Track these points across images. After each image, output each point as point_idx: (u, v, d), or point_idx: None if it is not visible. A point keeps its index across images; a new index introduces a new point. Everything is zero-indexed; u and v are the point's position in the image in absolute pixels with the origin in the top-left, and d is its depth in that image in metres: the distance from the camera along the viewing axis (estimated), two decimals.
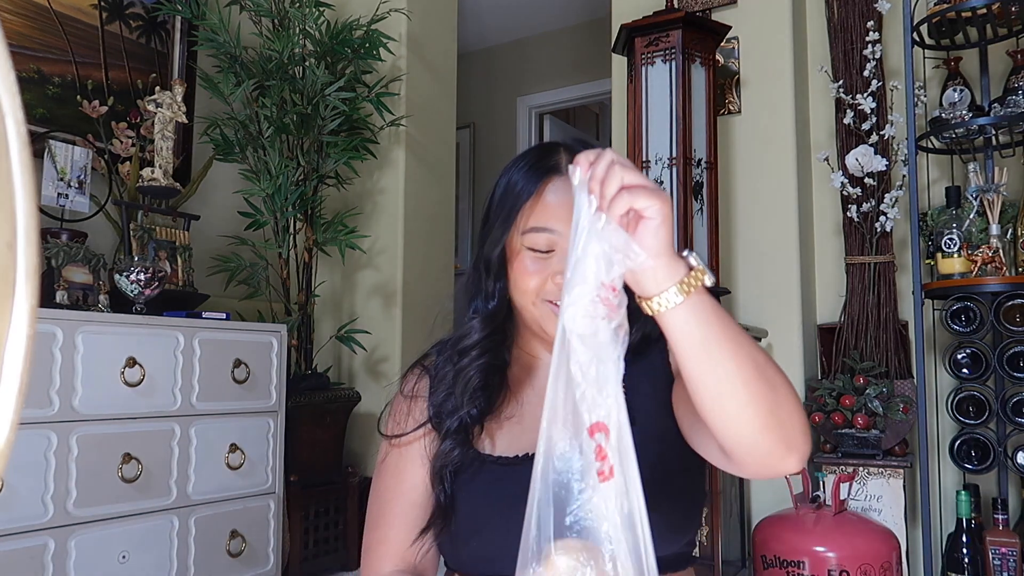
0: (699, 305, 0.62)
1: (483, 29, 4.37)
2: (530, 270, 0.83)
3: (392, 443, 0.91)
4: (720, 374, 0.63)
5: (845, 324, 2.33)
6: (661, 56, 2.19)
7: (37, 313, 0.30)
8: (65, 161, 2.16)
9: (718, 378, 0.63)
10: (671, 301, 0.61)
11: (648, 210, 0.60)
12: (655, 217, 0.60)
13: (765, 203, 2.43)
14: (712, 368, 0.63)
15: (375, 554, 0.89)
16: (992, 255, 1.96)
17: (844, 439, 2.13)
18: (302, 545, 2.42)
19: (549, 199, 0.83)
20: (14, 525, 1.67)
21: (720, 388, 0.63)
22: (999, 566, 1.87)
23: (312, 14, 2.55)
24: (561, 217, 0.81)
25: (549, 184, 0.84)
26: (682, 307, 0.62)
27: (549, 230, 0.82)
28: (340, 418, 2.63)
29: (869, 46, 2.32)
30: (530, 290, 0.83)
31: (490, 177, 4.49)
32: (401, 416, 0.93)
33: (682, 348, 0.63)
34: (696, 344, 0.63)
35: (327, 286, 2.96)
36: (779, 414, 0.66)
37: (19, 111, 0.30)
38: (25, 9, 2.28)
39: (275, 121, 2.51)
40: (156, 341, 1.97)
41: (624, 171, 0.61)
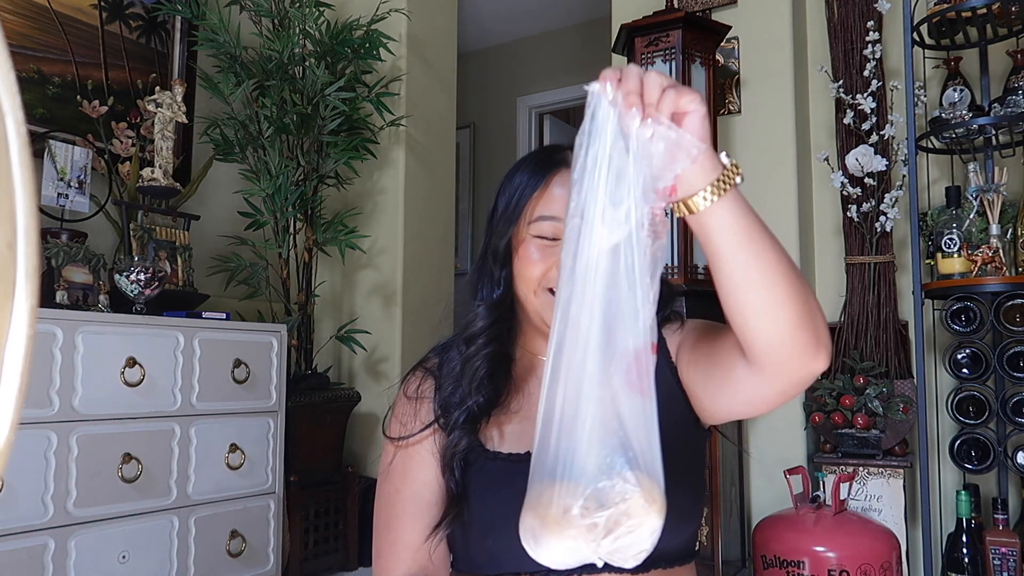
0: (739, 201, 0.65)
1: (483, 29, 4.37)
2: (535, 258, 0.85)
3: (398, 444, 0.91)
4: (762, 264, 0.65)
5: (845, 324, 2.33)
6: (661, 56, 2.19)
7: (37, 313, 0.30)
8: (65, 161, 2.16)
9: (761, 269, 0.65)
10: (719, 191, 0.64)
11: (690, 104, 0.62)
12: (697, 109, 0.62)
13: (765, 203, 2.43)
14: (755, 259, 0.65)
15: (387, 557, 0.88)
16: (992, 255, 1.96)
17: (844, 439, 2.13)
18: (302, 545, 2.42)
19: (556, 190, 0.85)
20: (14, 525, 1.67)
21: (763, 279, 0.66)
22: (999, 566, 1.88)
23: (312, 14, 2.55)
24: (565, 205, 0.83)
25: (556, 176, 0.86)
26: (728, 198, 0.64)
27: (556, 218, 0.84)
28: (340, 418, 2.63)
29: (869, 46, 2.32)
30: (534, 278, 0.85)
31: (490, 177, 4.50)
32: (407, 418, 0.92)
33: (728, 241, 0.65)
34: (742, 234, 0.65)
35: (327, 286, 2.96)
36: (811, 306, 0.68)
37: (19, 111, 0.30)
38: (25, 9, 2.28)
39: (275, 121, 2.51)
40: (156, 341, 1.97)
41: (658, 76, 0.63)
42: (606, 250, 0.62)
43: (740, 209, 0.65)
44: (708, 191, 0.64)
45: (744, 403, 0.78)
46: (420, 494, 0.88)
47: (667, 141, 0.62)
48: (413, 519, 0.87)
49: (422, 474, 0.88)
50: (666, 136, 0.62)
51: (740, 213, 0.65)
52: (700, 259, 2.16)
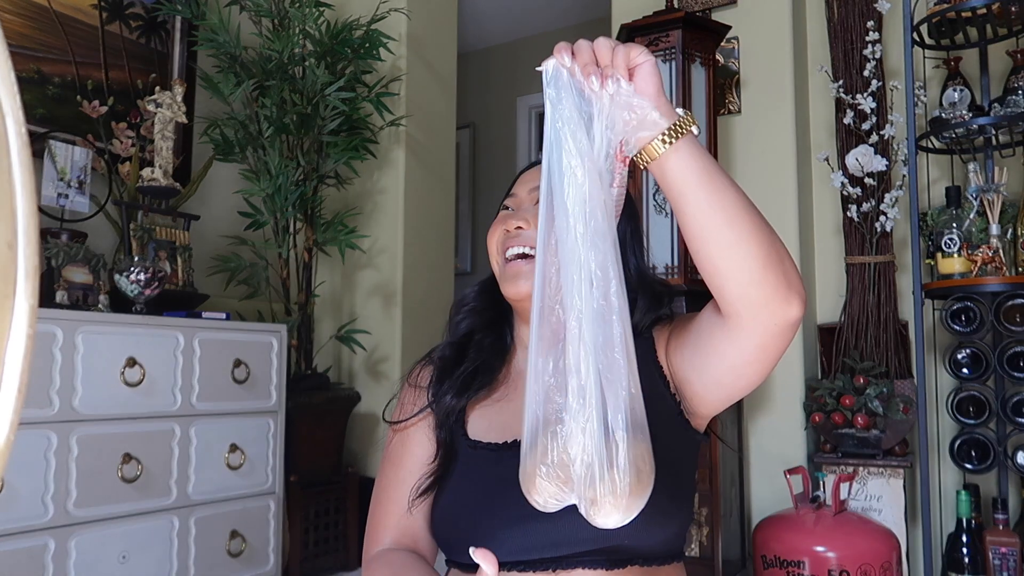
0: (695, 145, 0.70)
1: (483, 29, 4.37)
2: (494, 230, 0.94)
3: (395, 428, 0.97)
4: (723, 203, 0.69)
5: (845, 324, 2.33)
6: (661, 56, 2.19)
7: (37, 313, 0.30)
8: (65, 161, 2.16)
9: (722, 207, 0.69)
10: (673, 136, 0.69)
11: (639, 57, 0.69)
12: (647, 60, 0.69)
13: (765, 203, 2.42)
14: (716, 197, 0.69)
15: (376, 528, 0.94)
16: (992, 255, 1.96)
17: (844, 439, 2.13)
18: (302, 545, 2.42)
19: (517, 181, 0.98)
20: (14, 525, 1.67)
21: (725, 217, 0.69)
22: (999, 566, 1.88)
23: (312, 14, 2.55)
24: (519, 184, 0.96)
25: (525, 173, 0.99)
26: (684, 142, 0.69)
27: (513, 195, 0.96)
28: (340, 418, 2.63)
29: (869, 46, 2.32)
30: (494, 249, 0.93)
31: (490, 177, 4.50)
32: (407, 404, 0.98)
33: (687, 182, 0.69)
34: (701, 174, 0.69)
35: (327, 286, 2.96)
36: (777, 247, 0.71)
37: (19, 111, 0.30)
38: (25, 9, 2.28)
39: (275, 121, 2.51)
40: (156, 341, 1.97)
41: (606, 40, 0.69)
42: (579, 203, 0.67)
43: (695, 152, 0.69)
44: (665, 135, 0.68)
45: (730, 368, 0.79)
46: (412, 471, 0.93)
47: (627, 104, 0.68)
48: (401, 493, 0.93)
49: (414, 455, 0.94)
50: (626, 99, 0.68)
51: (696, 156, 0.69)
52: None
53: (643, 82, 0.69)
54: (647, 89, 0.69)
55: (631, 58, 0.68)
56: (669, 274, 2.11)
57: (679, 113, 0.70)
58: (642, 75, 0.69)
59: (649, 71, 0.69)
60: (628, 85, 0.69)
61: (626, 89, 0.69)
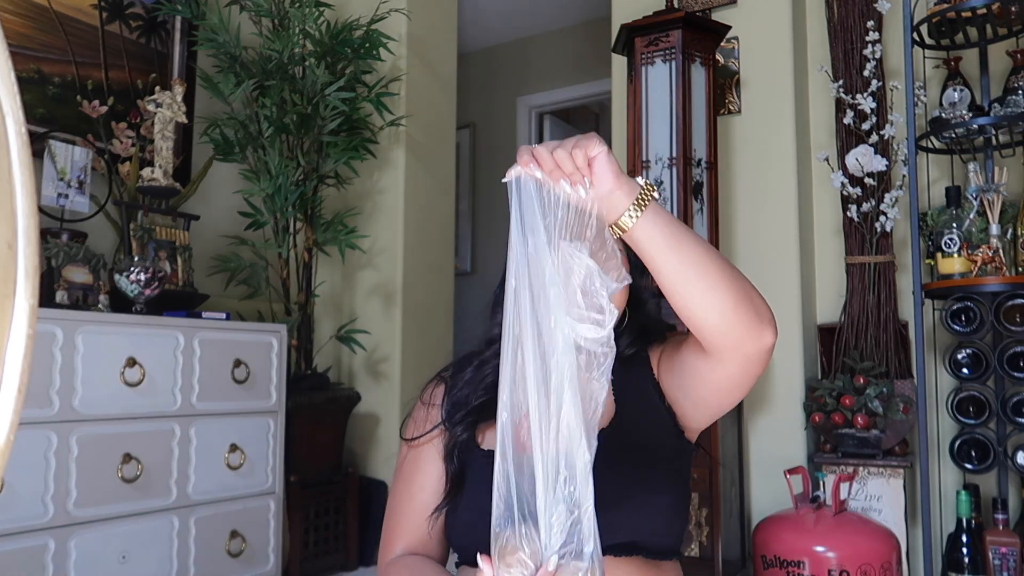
0: (659, 212, 0.78)
1: (483, 29, 4.36)
2: None
3: (411, 444, 1.01)
4: (692, 260, 0.78)
5: (845, 324, 2.33)
6: (661, 56, 2.19)
7: (37, 313, 0.30)
8: (65, 161, 2.16)
9: (692, 264, 0.78)
10: (640, 208, 0.77)
11: (593, 150, 0.76)
12: (601, 151, 0.76)
13: (765, 203, 2.43)
14: (684, 256, 0.78)
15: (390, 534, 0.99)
16: (992, 255, 1.96)
17: (844, 439, 2.13)
18: (302, 545, 2.42)
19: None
20: (14, 525, 1.67)
21: (696, 271, 0.78)
22: (999, 566, 1.88)
23: (312, 14, 2.55)
24: None
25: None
26: (649, 212, 0.77)
27: None
28: (340, 418, 2.63)
29: (869, 46, 2.32)
30: None
31: (490, 177, 4.50)
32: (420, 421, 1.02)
33: (656, 250, 0.78)
34: (669, 238, 0.77)
35: (327, 286, 2.96)
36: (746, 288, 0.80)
37: (19, 111, 0.30)
38: (25, 9, 2.28)
39: (275, 121, 2.51)
40: (156, 341, 1.97)
41: (559, 145, 0.77)
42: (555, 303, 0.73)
43: (661, 219, 0.78)
44: (631, 210, 0.77)
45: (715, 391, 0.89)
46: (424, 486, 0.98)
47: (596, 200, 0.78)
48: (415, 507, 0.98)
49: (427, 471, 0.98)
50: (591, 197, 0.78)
51: (662, 223, 0.78)
52: None
53: (601, 171, 0.76)
54: (606, 176, 0.76)
55: (589, 153, 0.76)
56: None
57: (639, 184, 0.79)
58: (599, 165, 0.76)
59: (604, 161, 0.76)
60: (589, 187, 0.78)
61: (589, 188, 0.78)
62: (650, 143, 2.18)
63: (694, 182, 2.16)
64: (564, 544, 0.70)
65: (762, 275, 2.40)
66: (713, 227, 2.19)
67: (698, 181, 2.18)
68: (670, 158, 2.14)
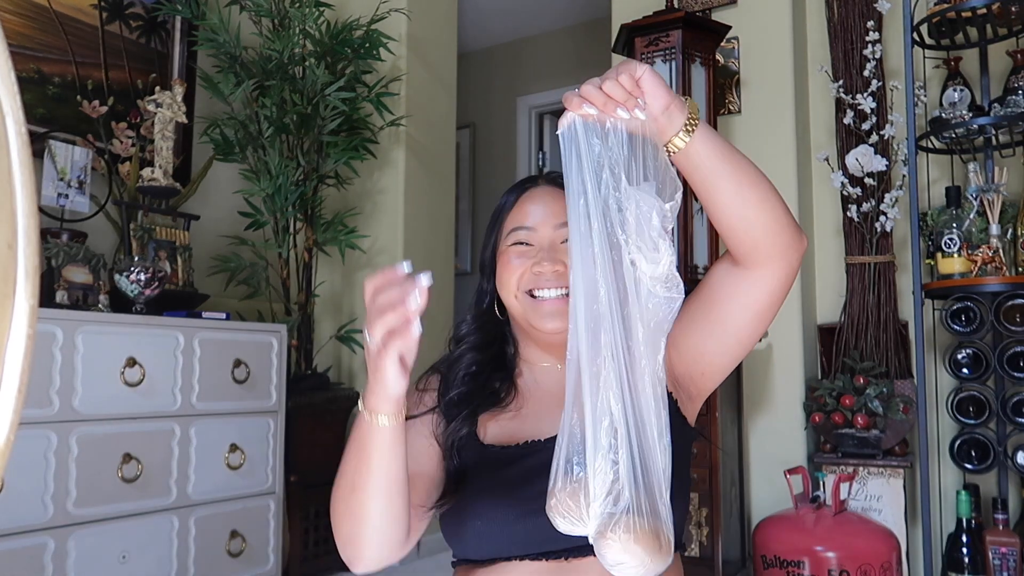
0: (709, 130, 0.79)
1: (483, 29, 4.36)
2: (512, 265, 0.95)
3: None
4: (743, 171, 0.79)
5: (845, 324, 2.33)
6: (661, 56, 2.19)
7: (37, 313, 0.30)
8: (65, 161, 2.16)
9: (744, 173, 0.79)
10: (689, 130, 0.77)
11: (637, 70, 0.75)
12: (645, 70, 0.75)
13: None
14: (736, 169, 0.79)
15: None
16: (992, 255, 1.96)
17: (844, 439, 2.13)
18: (302, 545, 2.42)
19: (528, 205, 0.98)
20: (14, 525, 1.67)
21: (750, 181, 0.79)
22: (999, 566, 1.88)
23: (312, 14, 2.55)
24: (535, 213, 0.96)
25: (527, 193, 1.00)
26: (699, 132, 0.77)
27: (525, 227, 0.96)
28: (340, 418, 2.63)
29: (869, 46, 2.32)
30: (512, 282, 0.95)
31: (490, 177, 4.50)
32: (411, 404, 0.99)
33: (713, 162, 0.78)
34: (721, 153, 0.78)
35: (327, 286, 2.96)
36: (783, 203, 0.83)
37: (19, 111, 0.30)
38: (25, 9, 2.28)
39: (275, 121, 2.51)
40: (156, 341, 1.97)
41: (606, 78, 0.75)
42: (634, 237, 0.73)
43: (712, 138, 0.78)
44: (687, 125, 0.77)
45: (751, 317, 0.89)
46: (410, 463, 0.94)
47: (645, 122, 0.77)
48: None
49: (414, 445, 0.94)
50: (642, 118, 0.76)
51: (713, 135, 0.79)
52: (700, 259, 2.16)
53: (653, 88, 0.75)
54: (659, 92, 0.75)
55: (635, 77, 0.75)
56: None
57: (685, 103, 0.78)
58: (648, 83, 0.75)
59: (651, 78, 0.76)
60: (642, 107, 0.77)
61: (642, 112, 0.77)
62: None
63: None
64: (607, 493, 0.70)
65: None
66: (713, 227, 2.19)
67: None
68: None
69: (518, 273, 0.94)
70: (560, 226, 0.94)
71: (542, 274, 0.93)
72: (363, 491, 0.80)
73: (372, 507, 0.80)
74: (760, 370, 2.38)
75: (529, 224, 0.96)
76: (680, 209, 0.94)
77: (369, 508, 0.80)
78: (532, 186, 1.00)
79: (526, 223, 0.96)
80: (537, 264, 0.93)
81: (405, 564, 2.75)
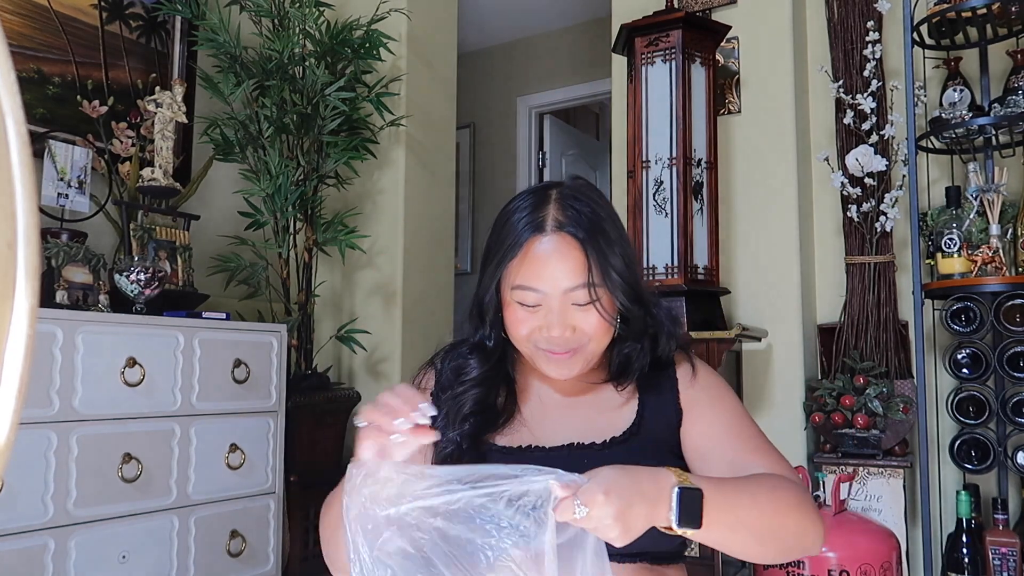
0: (711, 498, 0.73)
1: (483, 29, 4.36)
2: (520, 319, 0.90)
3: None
4: (755, 531, 0.78)
5: (845, 324, 2.33)
6: (661, 56, 2.19)
7: (37, 313, 0.30)
8: (65, 161, 2.16)
9: (755, 534, 0.78)
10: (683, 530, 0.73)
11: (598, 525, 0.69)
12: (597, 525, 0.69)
13: (765, 203, 2.43)
14: (748, 533, 0.77)
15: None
16: (992, 255, 1.96)
17: (844, 439, 2.13)
18: (302, 545, 2.42)
19: (535, 264, 0.88)
20: (14, 525, 1.67)
21: (761, 537, 0.78)
22: (999, 566, 1.88)
23: (312, 14, 2.55)
24: (544, 277, 0.87)
25: (533, 244, 0.88)
26: (705, 528, 0.73)
27: (534, 289, 0.88)
28: (340, 418, 2.63)
29: (869, 46, 2.32)
30: (521, 337, 0.91)
31: (490, 177, 4.50)
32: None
33: (719, 539, 0.77)
34: (729, 524, 0.76)
35: (327, 286, 2.96)
36: (798, 541, 0.81)
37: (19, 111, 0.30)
38: (25, 9, 2.28)
39: (275, 121, 2.51)
40: (156, 341, 1.97)
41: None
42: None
43: (713, 512, 0.73)
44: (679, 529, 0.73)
45: None
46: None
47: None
48: None
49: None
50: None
51: (715, 515, 0.73)
52: (700, 259, 2.16)
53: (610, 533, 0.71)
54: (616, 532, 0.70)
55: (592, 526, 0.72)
56: (669, 274, 2.11)
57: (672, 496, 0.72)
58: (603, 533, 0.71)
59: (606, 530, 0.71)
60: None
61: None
62: (650, 143, 2.18)
63: (694, 182, 2.16)
64: None
65: (762, 275, 2.40)
66: (713, 227, 2.19)
67: (698, 181, 2.18)
68: (670, 158, 2.14)
69: (527, 328, 0.90)
70: (570, 290, 0.87)
71: (553, 339, 0.89)
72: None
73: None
74: (760, 370, 2.38)
75: (537, 288, 0.88)
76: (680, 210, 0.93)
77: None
78: (539, 234, 0.88)
79: (533, 285, 0.88)
80: (547, 329, 0.88)
81: None
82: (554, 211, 0.89)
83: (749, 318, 2.39)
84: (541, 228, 0.88)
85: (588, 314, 0.88)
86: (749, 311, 2.41)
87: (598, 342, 0.90)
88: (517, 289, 0.89)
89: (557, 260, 0.87)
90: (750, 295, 2.42)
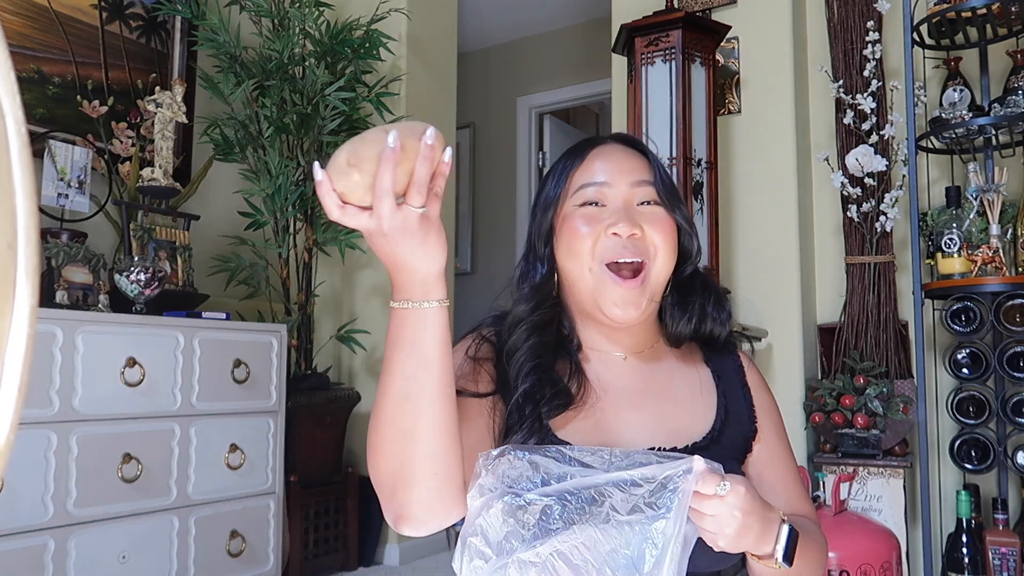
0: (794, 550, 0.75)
1: (483, 29, 4.36)
2: (583, 232, 0.84)
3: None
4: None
5: (845, 324, 2.33)
6: (661, 56, 2.19)
7: (37, 313, 0.30)
8: (65, 161, 2.16)
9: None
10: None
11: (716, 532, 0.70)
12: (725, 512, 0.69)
13: (765, 203, 2.43)
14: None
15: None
16: (992, 255, 1.96)
17: (844, 439, 2.13)
18: (302, 545, 2.42)
19: (596, 161, 0.88)
20: (14, 525, 1.67)
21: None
22: (999, 566, 1.87)
23: (312, 14, 2.55)
24: (608, 170, 0.86)
25: (597, 149, 0.89)
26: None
27: (598, 183, 0.86)
28: (340, 418, 2.63)
29: (869, 46, 2.32)
30: (585, 251, 0.83)
31: (490, 177, 4.50)
32: (465, 373, 0.86)
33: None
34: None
35: (327, 286, 2.96)
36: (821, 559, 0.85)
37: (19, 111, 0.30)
38: (25, 9, 2.28)
39: (275, 121, 2.51)
40: (156, 341, 1.97)
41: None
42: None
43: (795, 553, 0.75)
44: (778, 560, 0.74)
45: None
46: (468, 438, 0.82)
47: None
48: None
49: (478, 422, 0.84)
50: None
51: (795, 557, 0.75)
52: (700, 259, 2.16)
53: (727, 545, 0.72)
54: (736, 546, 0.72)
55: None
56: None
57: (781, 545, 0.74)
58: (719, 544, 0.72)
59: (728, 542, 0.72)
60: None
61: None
62: (650, 143, 2.18)
63: (694, 182, 2.16)
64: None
65: (762, 275, 2.40)
66: (713, 227, 2.19)
67: (698, 181, 2.18)
68: (670, 158, 2.14)
69: (590, 241, 0.83)
70: (637, 184, 0.85)
71: (619, 237, 0.82)
72: (418, 399, 0.72)
73: (429, 417, 0.71)
74: (760, 370, 2.38)
75: (601, 179, 0.85)
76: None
77: (425, 421, 0.71)
78: (600, 144, 0.89)
79: (598, 179, 0.85)
80: (613, 225, 0.82)
81: (405, 564, 2.75)
82: (612, 135, 0.94)
83: (749, 318, 2.39)
84: (603, 141, 0.91)
85: (654, 216, 0.85)
86: (749, 311, 2.41)
87: (663, 258, 0.84)
88: (579, 191, 0.86)
89: (622, 156, 0.88)
90: (750, 295, 2.42)
